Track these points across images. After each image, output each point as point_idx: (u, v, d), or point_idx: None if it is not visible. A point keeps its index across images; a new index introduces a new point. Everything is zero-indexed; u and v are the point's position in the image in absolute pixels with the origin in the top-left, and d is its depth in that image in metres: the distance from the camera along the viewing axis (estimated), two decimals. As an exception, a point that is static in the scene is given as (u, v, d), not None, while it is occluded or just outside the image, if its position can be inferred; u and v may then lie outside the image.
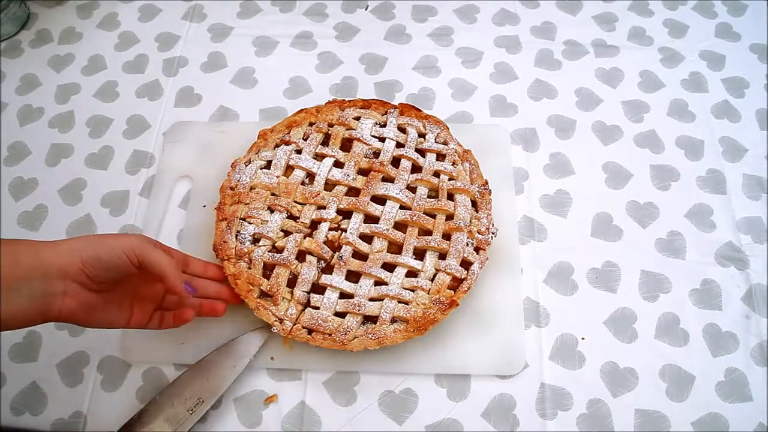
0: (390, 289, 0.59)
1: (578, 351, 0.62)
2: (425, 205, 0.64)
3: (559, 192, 0.72)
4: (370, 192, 0.64)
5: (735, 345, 0.62)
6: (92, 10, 0.89)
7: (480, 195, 0.65)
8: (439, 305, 0.59)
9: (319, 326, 0.58)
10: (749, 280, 0.66)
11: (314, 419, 0.59)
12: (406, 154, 0.67)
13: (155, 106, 0.79)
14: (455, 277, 0.60)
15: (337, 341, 0.58)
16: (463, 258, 0.61)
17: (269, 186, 0.65)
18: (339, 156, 0.67)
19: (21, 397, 0.61)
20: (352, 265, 0.61)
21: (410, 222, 0.63)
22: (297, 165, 0.66)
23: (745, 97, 0.79)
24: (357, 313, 0.59)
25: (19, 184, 0.74)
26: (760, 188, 0.72)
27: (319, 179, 0.66)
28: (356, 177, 0.66)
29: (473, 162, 0.68)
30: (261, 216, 0.63)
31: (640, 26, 0.85)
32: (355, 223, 0.63)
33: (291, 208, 0.64)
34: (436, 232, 0.62)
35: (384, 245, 0.62)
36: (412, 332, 0.58)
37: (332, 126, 0.70)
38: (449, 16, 0.87)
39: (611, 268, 0.67)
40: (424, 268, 0.61)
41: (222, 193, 0.66)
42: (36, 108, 0.80)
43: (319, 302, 0.60)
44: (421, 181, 0.65)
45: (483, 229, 0.63)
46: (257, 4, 0.89)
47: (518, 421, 0.59)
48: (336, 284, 0.60)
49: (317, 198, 0.64)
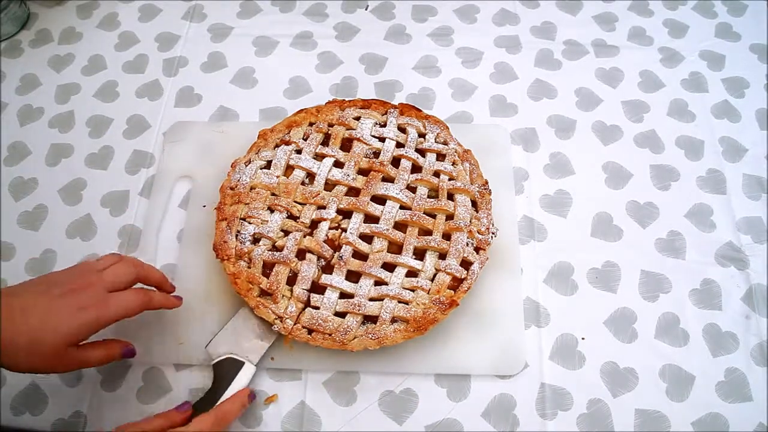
0: (390, 289, 0.59)
1: (578, 351, 0.62)
2: (425, 205, 0.64)
3: (559, 192, 0.72)
4: (370, 192, 0.64)
5: (735, 345, 0.62)
6: (92, 10, 0.89)
7: (480, 195, 0.65)
8: (439, 305, 0.59)
9: (320, 326, 0.58)
10: (749, 280, 0.66)
11: (314, 419, 0.59)
12: (406, 154, 0.67)
13: (155, 106, 0.79)
14: (455, 276, 0.60)
15: (337, 341, 0.58)
16: (463, 258, 0.61)
17: (269, 186, 0.65)
18: (339, 156, 0.67)
19: (21, 397, 0.61)
20: (352, 265, 0.61)
21: (410, 222, 0.63)
22: (297, 165, 0.66)
23: (745, 97, 0.79)
24: (357, 313, 0.59)
25: (19, 184, 0.74)
26: (760, 188, 0.72)
27: (319, 179, 0.66)
28: (356, 177, 0.66)
29: (473, 162, 0.68)
30: (261, 216, 0.63)
31: (640, 26, 0.85)
32: (355, 223, 0.63)
33: (291, 208, 0.64)
34: (436, 232, 0.62)
35: (384, 245, 0.62)
36: (413, 332, 0.58)
37: (332, 126, 0.70)
38: (449, 16, 0.87)
39: (611, 268, 0.67)
40: (424, 268, 0.61)
41: (222, 193, 0.66)
42: (36, 108, 0.80)
43: (319, 302, 0.60)
44: (421, 181, 0.65)
45: (483, 229, 0.63)
46: (257, 4, 0.89)
47: (518, 421, 0.59)
48: (336, 284, 0.60)
49: (317, 198, 0.64)
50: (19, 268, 0.67)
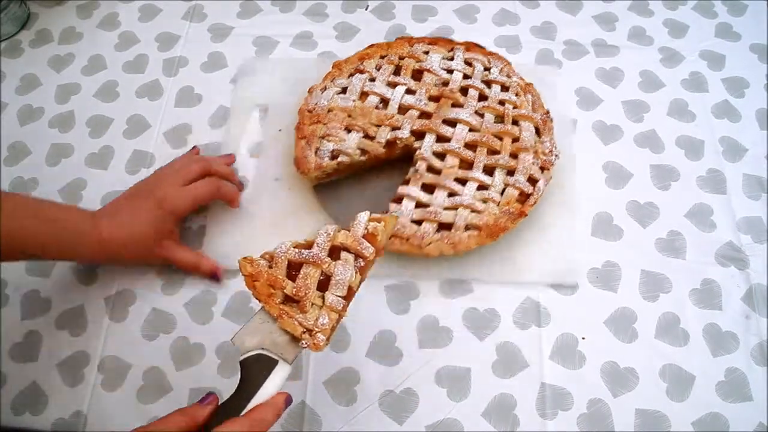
0: (463, 199, 0.64)
1: (578, 351, 0.62)
2: (492, 128, 0.68)
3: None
4: (441, 116, 0.68)
5: (735, 345, 0.62)
6: (92, 10, 0.89)
7: (542, 122, 0.70)
8: (509, 215, 0.63)
9: (398, 231, 0.62)
10: (749, 280, 0.66)
11: (314, 419, 0.59)
12: (474, 84, 0.71)
13: (155, 106, 0.79)
14: (522, 191, 0.65)
15: (415, 246, 0.62)
16: (530, 175, 0.65)
17: (346, 108, 0.70)
18: (410, 84, 0.71)
19: (21, 397, 0.61)
20: (426, 179, 0.65)
21: (480, 142, 0.67)
22: (371, 91, 0.70)
23: (745, 97, 0.79)
24: (433, 220, 0.63)
25: (19, 184, 0.74)
26: (760, 188, 0.72)
27: (392, 104, 0.70)
28: (428, 102, 0.70)
29: (535, 94, 0.72)
30: (339, 135, 0.68)
31: (640, 26, 0.85)
32: (428, 143, 0.67)
33: (367, 129, 0.68)
34: (504, 152, 0.67)
35: (456, 162, 0.66)
36: (485, 238, 0.62)
37: (402, 59, 0.74)
38: (449, 16, 0.87)
39: (611, 267, 0.67)
40: (494, 183, 0.65)
41: (300, 115, 0.70)
42: (36, 108, 0.80)
43: (397, 210, 0.64)
44: (488, 108, 0.69)
45: (546, 151, 0.67)
46: (257, 4, 0.89)
47: (518, 421, 0.59)
48: (413, 194, 0.64)
49: (392, 120, 0.68)
50: (20, 268, 0.67)
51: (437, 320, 0.64)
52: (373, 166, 0.71)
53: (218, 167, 0.68)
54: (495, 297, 0.65)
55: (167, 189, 0.62)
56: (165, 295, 0.66)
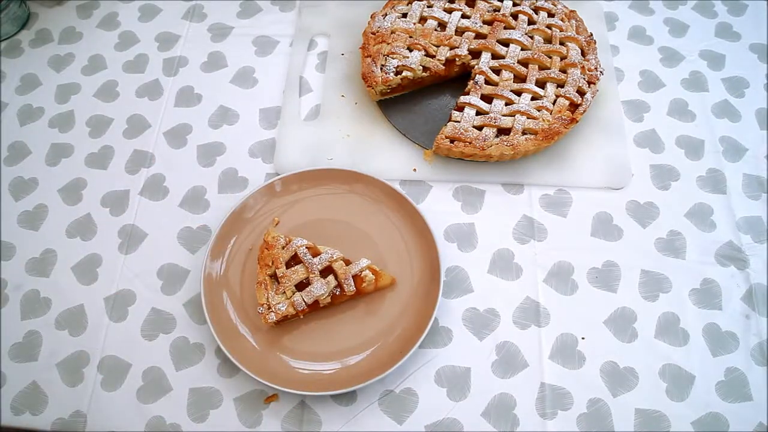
0: (520, 106, 0.70)
1: (578, 351, 0.62)
2: (542, 48, 0.74)
3: (560, 191, 0.72)
4: (495, 36, 0.75)
5: (735, 345, 0.62)
6: (92, 10, 0.89)
7: (587, 43, 0.76)
8: (562, 121, 0.69)
9: (461, 134, 0.68)
10: (749, 280, 0.66)
11: (314, 419, 0.59)
12: (523, 10, 0.77)
13: (155, 106, 0.79)
14: (572, 102, 0.71)
15: (478, 147, 0.67)
16: (578, 87, 0.71)
17: (408, 30, 0.76)
18: (465, 10, 0.78)
19: (21, 396, 0.61)
20: (485, 90, 0.71)
21: (531, 59, 0.73)
22: (430, 15, 0.77)
23: (745, 96, 0.79)
24: (493, 125, 0.69)
25: (19, 183, 0.74)
26: (760, 188, 0.72)
27: (450, 26, 0.76)
28: (482, 26, 0.76)
29: (578, 19, 0.79)
30: (402, 53, 0.74)
31: (641, 25, 0.85)
32: (484, 60, 0.74)
33: (428, 47, 0.75)
34: (554, 67, 0.73)
35: (510, 77, 0.73)
36: (541, 140, 0.68)
37: None
38: (449, 16, 0.87)
39: (611, 267, 0.67)
40: (546, 94, 0.72)
41: (365, 37, 0.77)
42: (36, 108, 0.80)
43: (459, 117, 0.70)
44: (537, 31, 0.76)
45: (592, 68, 0.73)
46: (257, 4, 0.89)
47: (518, 421, 0.59)
48: (474, 102, 0.70)
49: (450, 40, 0.75)
50: (20, 268, 0.67)
51: (437, 320, 0.64)
52: (433, 83, 0.77)
53: None
54: (495, 297, 0.65)
55: None
56: (165, 295, 0.66)
